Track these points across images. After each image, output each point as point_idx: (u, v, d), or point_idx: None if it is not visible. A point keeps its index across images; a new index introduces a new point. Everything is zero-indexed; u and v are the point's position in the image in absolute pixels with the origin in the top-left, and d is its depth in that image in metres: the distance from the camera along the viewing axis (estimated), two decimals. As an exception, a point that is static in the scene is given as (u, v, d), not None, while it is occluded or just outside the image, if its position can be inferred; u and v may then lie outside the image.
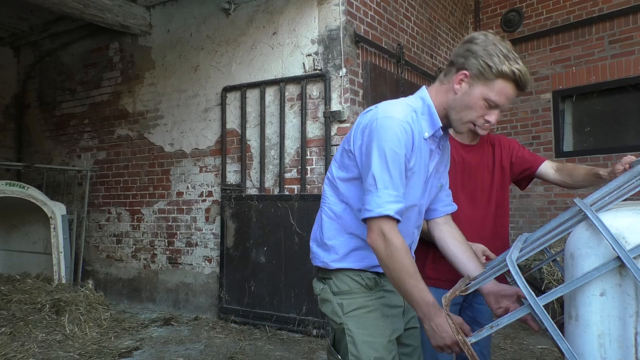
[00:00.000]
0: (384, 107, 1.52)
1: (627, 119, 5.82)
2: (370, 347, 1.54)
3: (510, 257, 1.19)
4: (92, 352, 3.95)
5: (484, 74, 1.45)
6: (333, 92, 4.56)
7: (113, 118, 6.23)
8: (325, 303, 1.64)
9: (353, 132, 1.58)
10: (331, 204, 1.64)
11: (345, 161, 1.59)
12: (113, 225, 6.19)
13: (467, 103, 1.49)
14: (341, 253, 1.61)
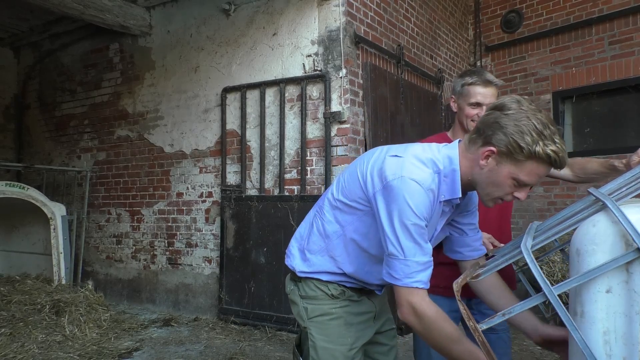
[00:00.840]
0: (411, 163, 1.39)
1: (627, 120, 5.83)
2: (329, 353, 1.55)
3: (525, 244, 1.17)
4: (92, 353, 3.94)
5: (513, 154, 1.31)
6: (333, 93, 4.56)
7: (113, 119, 6.23)
8: (293, 305, 1.67)
9: (370, 167, 1.47)
10: (325, 221, 1.59)
11: (354, 189, 1.51)
12: (113, 226, 6.18)
13: (493, 181, 1.37)
14: (313, 270, 1.61)
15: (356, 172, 1.52)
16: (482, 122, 1.40)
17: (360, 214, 1.51)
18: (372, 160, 1.49)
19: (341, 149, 4.50)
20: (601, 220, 1.09)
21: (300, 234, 1.71)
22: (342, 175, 1.62)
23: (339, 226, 1.56)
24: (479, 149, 1.39)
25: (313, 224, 1.64)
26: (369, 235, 1.51)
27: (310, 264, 1.61)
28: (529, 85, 6.39)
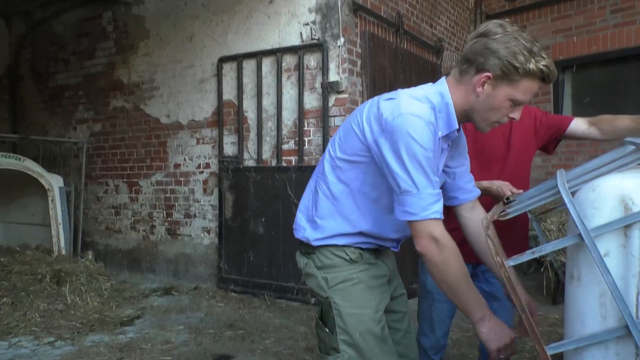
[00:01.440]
0: (407, 101, 1.41)
1: (627, 89, 5.79)
2: (357, 319, 1.52)
3: (563, 184, 1.15)
4: (94, 321, 4.00)
5: (508, 75, 1.35)
6: (331, 63, 4.51)
7: (108, 89, 6.16)
8: (310, 277, 1.62)
9: (365, 115, 1.48)
10: (330, 183, 1.56)
11: (352, 143, 1.50)
12: (111, 197, 6.19)
13: (491, 105, 1.41)
14: (327, 234, 1.57)
15: (351, 127, 1.52)
16: (471, 51, 1.40)
17: (363, 167, 1.50)
18: (366, 110, 1.50)
19: (339, 119, 4.47)
20: (601, 185, 1.10)
21: (304, 205, 1.67)
22: (336, 136, 1.61)
23: (344, 185, 1.54)
24: (472, 77, 1.40)
25: (317, 190, 1.61)
26: (376, 184, 1.51)
27: (323, 229, 1.57)
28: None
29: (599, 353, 1.13)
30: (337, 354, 1.53)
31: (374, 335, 1.53)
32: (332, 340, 1.55)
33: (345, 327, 1.52)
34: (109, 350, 3.44)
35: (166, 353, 3.40)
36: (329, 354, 1.56)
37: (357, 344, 1.51)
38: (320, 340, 1.61)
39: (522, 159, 2.18)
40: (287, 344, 3.54)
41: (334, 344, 1.54)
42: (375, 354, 1.52)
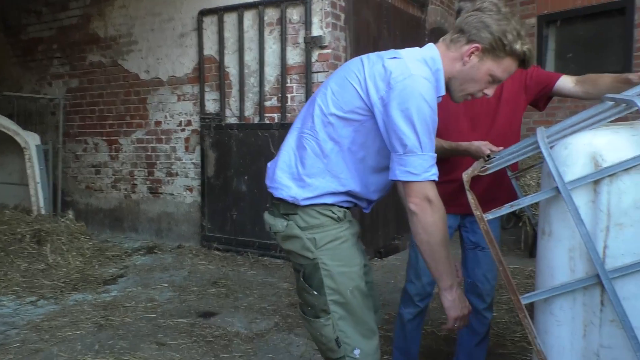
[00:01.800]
0: (414, 63, 1.43)
1: (609, 44, 5.78)
2: (348, 277, 1.52)
3: (542, 139, 1.17)
4: (76, 280, 4.02)
5: (496, 51, 1.43)
6: (314, 17, 4.40)
7: (84, 43, 5.95)
8: (292, 239, 1.55)
9: (367, 73, 1.46)
10: (320, 140, 1.52)
11: (349, 99, 1.48)
12: (90, 155, 6.09)
13: (473, 76, 1.48)
14: (317, 193, 1.53)
15: (348, 82, 1.49)
16: (465, 22, 1.47)
17: (356, 125, 1.49)
18: (367, 67, 1.48)
19: (322, 75, 4.40)
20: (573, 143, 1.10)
21: (286, 163, 1.59)
22: (327, 90, 1.56)
23: (335, 143, 1.51)
24: (462, 46, 1.47)
25: (305, 146, 1.55)
26: (366, 143, 1.51)
27: (313, 188, 1.52)
28: (514, 9, 6.22)
29: (567, 303, 1.17)
30: (328, 315, 1.52)
31: (361, 292, 1.54)
32: (321, 302, 1.52)
33: (336, 287, 1.51)
34: (92, 309, 3.47)
35: (150, 310, 3.45)
36: (319, 316, 1.53)
37: (348, 302, 1.52)
38: (307, 304, 1.57)
39: (512, 113, 2.18)
40: (271, 301, 3.60)
41: (323, 306, 1.52)
42: (362, 309, 1.54)
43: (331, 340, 1.52)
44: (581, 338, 1.15)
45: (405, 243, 5.10)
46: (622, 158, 1.06)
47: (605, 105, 1.23)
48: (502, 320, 2.97)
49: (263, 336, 3.01)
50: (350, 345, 1.51)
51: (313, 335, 1.59)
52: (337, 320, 1.51)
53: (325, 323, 1.52)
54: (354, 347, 1.51)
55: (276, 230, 1.60)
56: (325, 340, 1.53)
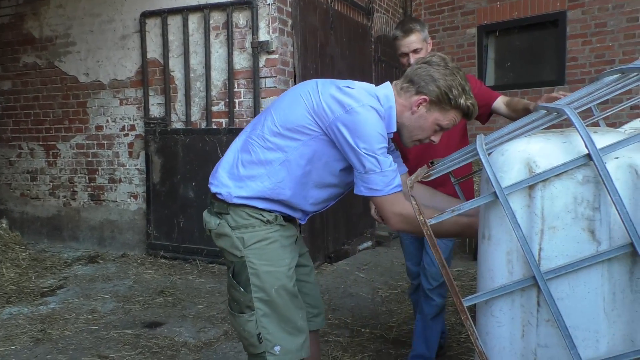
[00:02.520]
0: (366, 95, 1.54)
1: (544, 55, 6.11)
2: (273, 276, 1.60)
3: (481, 145, 1.22)
4: (11, 293, 3.80)
5: (442, 103, 1.55)
6: (261, 21, 4.38)
7: (17, 44, 5.64)
8: (223, 237, 1.65)
9: (321, 95, 1.55)
10: (266, 147, 1.60)
11: (299, 115, 1.56)
12: (26, 161, 5.78)
13: (420, 125, 1.60)
14: (249, 194, 1.60)
15: (301, 100, 1.58)
16: (414, 73, 1.59)
17: (305, 139, 1.56)
18: (321, 89, 1.58)
19: (270, 80, 4.39)
20: (509, 149, 1.15)
21: (228, 163, 1.68)
22: (279, 104, 1.64)
23: (282, 152, 1.58)
24: (412, 96, 1.58)
25: (250, 150, 1.62)
26: (313, 159, 1.59)
27: (248, 189, 1.60)
28: (456, 19, 6.46)
29: (507, 305, 1.22)
30: (252, 311, 1.60)
31: (287, 291, 1.62)
32: (246, 299, 1.60)
33: (261, 285, 1.59)
34: (28, 322, 3.29)
35: (92, 322, 3.30)
36: (243, 312, 1.61)
37: (272, 300, 1.59)
38: (233, 300, 1.65)
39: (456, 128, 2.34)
40: (220, 309, 3.54)
41: (249, 302, 1.60)
42: (288, 308, 1.62)
43: (253, 336, 1.59)
44: (520, 338, 1.20)
45: (355, 248, 5.16)
46: (554, 164, 1.13)
47: (539, 113, 1.30)
48: (447, 322, 3.05)
49: (212, 345, 2.96)
50: (272, 342, 1.59)
51: (237, 330, 1.67)
52: (260, 317, 1.59)
53: (249, 319, 1.60)
54: (275, 343, 1.60)
55: (210, 228, 1.69)
56: (248, 335, 1.61)
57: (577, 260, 1.11)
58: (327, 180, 1.64)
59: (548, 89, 5.94)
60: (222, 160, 1.72)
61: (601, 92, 1.25)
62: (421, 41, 2.39)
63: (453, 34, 6.41)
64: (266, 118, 1.64)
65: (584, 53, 5.78)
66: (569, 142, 1.15)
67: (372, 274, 4.44)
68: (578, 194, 1.11)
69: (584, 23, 5.75)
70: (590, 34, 5.73)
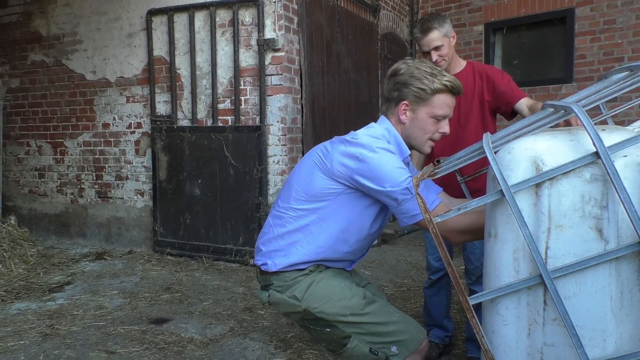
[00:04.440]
0: (373, 139, 1.61)
1: (552, 52, 6.06)
2: (339, 305, 1.63)
3: (487, 144, 1.22)
4: (19, 289, 3.83)
5: (421, 97, 1.61)
6: (267, 19, 4.38)
7: (25, 42, 5.67)
8: (279, 304, 1.71)
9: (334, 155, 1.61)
10: (298, 216, 1.66)
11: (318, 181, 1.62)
12: (34, 158, 5.82)
13: (418, 126, 1.66)
14: (293, 261, 1.66)
15: (316, 167, 1.65)
16: (387, 90, 1.70)
17: (333, 197, 1.62)
18: (330, 149, 1.65)
19: (276, 78, 4.39)
20: (515, 148, 1.15)
21: (266, 237, 1.75)
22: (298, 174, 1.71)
23: (315, 214, 1.64)
24: (395, 109, 1.68)
25: (284, 224, 1.69)
26: (346, 211, 1.63)
27: (291, 256, 1.66)
28: (463, 16, 6.43)
29: (512, 304, 1.22)
30: (349, 338, 1.64)
31: (361, 307, 1.64)
32: (337, 334, 1.64)
33: (337, 319, 1.63)
34: (37, 318, 3.31)
35: (99, 318, 3.33)
36: (345, 345, 1.64)
37: (356, 322, 1.63)
38: (330, 342, 1.69)
39: (482, 117, 2.45)
40: (226, 305, 3.55)
41: (342, 334, 1.64)
42: (374, 315, 1.65)
43: (368, 355, 1.63)
44: (526, 337, 1.20)
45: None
46: (561, 162, 1.12)
47: (546, 111, 1.29)
48: (453, 320, 3.05)
49: (218, 341, 2.97)
50: (386, 346, 1.63)
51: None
52: (360, 337, 1.63)
53: (352, 346, 1.63)
54: (390, 345, 1.63)
55: (263, 302, 1.77)
56: (364, 357, 1.64)
57: (585, 259, 1.11)
58: (366, 229, 1.68)
59: (556, 86, 5.90)
60: (260, 236, 1.79)
61: (609, 89, 1.24)
62: (441, 38, 2.40)
63: (460, 32, 6.37)
64: (289, 190, 1.70)
65: (592, 50, 5.73)
66: (577, 140, 1.15)
67: (378, 271, 4.44)
68: (586, 193, 1.11)
69: (593, 20, 5.71)
70: (598, 31, 5.68)
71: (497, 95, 2.41)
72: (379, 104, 5.92)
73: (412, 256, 4.86)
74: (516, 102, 2.38)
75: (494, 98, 2.42)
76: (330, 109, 4.99)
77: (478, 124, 2.45)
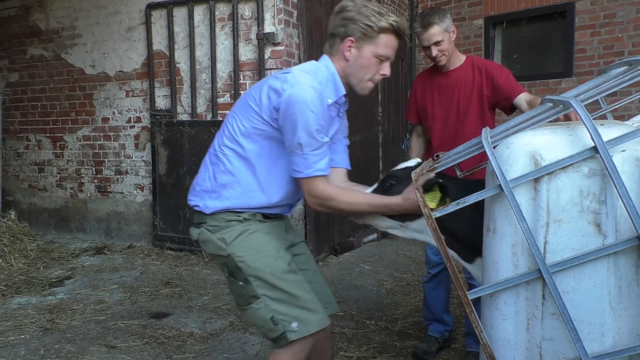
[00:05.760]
0: (301, 74, 1.59)
1: (552, 46, 6.04)
2: (262, 262, 1.63)
3: (486, 139, 1.22)
4: (19, 283, 3.84)
5: (367, 34, 1.60)
6: (266, 13, 4.36)
7: (24, 36, 5.65)
8: (207, 243, 1.70)
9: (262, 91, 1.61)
10: (230, 156, 1.66)
11: (250, 118, 1.63)
12: (33, 153, 5.82)
13: (361, 64, 1.64)
14: (225, 206, 1.66)
15: (247, 103, 1.65)
16: (332, 26, 1.67)
17: (261, 140, 1.63)
18: (260, 85, 1.65)
19: (275, 72, 4.37)
20: (514, 142, 1.15)
21: (202, 177, 1.74)
22: (234, 111, 1.72)
23: (244, 158, 1.64)
24: (340, 45, 1.65)
25: (219, 163, 1.69)
26: (273, 156, 1.65)
27: (223, 199, 1.66)
28: (462, 10, 6.40)
29: (511, 298, 1.22)
30: (258, 299, 1.63)
31: (282, 271, 1.64)
32: (248, 290, 1.64)
33: (255, 273, 1.62)
34: (37, 312, 3.32)
35: (100, 313, 3.34)
36: (251, 303, 1.64)
37: (271, 283, 1.62)
38: (238, 296, 1.69)
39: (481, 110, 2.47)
40: (225, 300, 3.56)
41: (252, 292, 1.63)
42: (290, 285, 1.64)
43: (268, 321, 1.62)
44: (525, 331, 1.20)
45: (360, 240, 5.16)
46: (559, 157, 1.12)
47: (545, 106, 1.29)
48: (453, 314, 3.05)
49: (217, 336, 2.98)
50: (287, 321, 1.61)
51: (253, 323, 1.72)
52: (268, 302, 1.62)
53: (257, 307, 1.63)
54: (290, 321, 1.61)
55: (194, 239, 1.75)
56: (263, 322, 1.63)
57: (583, 253, 1.11)
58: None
59: (556, 81, 5.89)
60: (197, 175, 1.79)
61: (608, 84, 1.24)
62: (441, 33, 2.39)
63: (459, 26, 6.34)
64: (224, 129, 1.71)
65: (592, 44, 5.71)
66: (575, 135, 1.15)
67: (378, 266, 4.45)
68: (584, 187, 1.11)
69: (593, 14, 5.68)
70: (599, 25, 5.66)
71: (496, 90, 2.41)
72: (378, 98, 5.91)
73: (411, 250, 4.87)
74: (515, 97, 2.38)
75: (493, 93, 2.43)
76: (330, 104, 4.98)
77: (477, 119, 2.45)
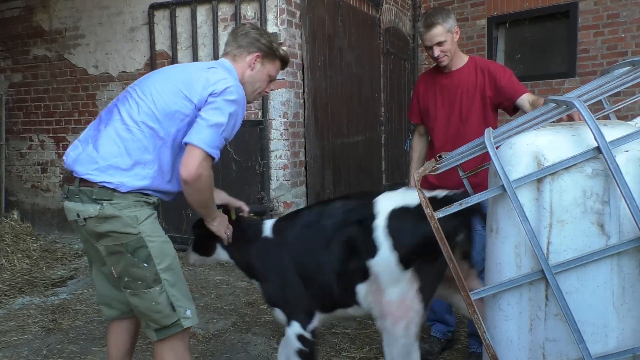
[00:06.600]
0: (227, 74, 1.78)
1: (554, 46, 6.03)
2: (168, 246, 1.74)
3: (489, 139, 1.22)
4: (22, 283, 3.84)
5: (269, 55, 1.91)
6: (269, 13, 4.36)
7: (27, 36, 5.67)
8: (110, 220, 1.65)
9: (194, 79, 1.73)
10: (148, 135, 1.70)
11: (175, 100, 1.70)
12: (36, 153, 5.83)
13: (259, 78, 1.93)
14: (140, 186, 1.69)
15: (173, 86, 1.73)
16: (241, 40, 1.90)
17: (181, 126, 1.71)
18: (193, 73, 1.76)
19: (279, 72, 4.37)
20: (517, 143, 1.14)
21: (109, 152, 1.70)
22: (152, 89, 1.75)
23: (160, 139, 1.70)
24: (247, 57, 1.90)
25: (132, 139, 1.69)
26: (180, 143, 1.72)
27: (139, 177, 1.69)
28: (465, 10, 6.39)
29: (514, 299, 1.22)
30: (160, 283, 1.69)
31: (177, 259, 1.77)
32: (152, 272, 1.68)
33: (161, 256, 1.69)
34: (40, 312, 3.33)
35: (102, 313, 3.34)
36: (152, 287, 1.68)
37: (174, 268, 1.73)
38: (137, 279, 1.69)
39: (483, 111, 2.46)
40: (228, 300, 3.56)
41: (155, 276, 1.68)
42: (180, 274, 1.77)
43: (167, 306, 1.68)
44: (528, 332, 1.20)
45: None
46: (563, 157, 1.11)
47: (548, 106, 1.28)
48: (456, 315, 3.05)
49: (220, 336, 2.98)
50: (183, 307, 1.71)
51: (147, 308, 1.70)
52: (168, 287, 1.69)
53: (160, 291, 1.68)
54: (186, 308, 1.72)
55: (88, 215, 1.67)
56: (162, 308, 1.68)
57: (586, 254, 1.11)
58: None
59: (559, 81, 5.88)
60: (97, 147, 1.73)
61: (612, 84, 1.24)
62: (444, 33, 2.38)
63: (462, 26, 6.33)
64: (139, 105, 1.73)
65: (595, 44, 5.70)
66: (578, 135, 1.14)
67: (380, 266, 4.43)
68: (587, 188, 1.10)
69: (596, 14, 5.67)
70: (602, 25, 5.65)
71: (498, 91, 2.41)
72: (381, 99, 5.91)
73: (414, 251, 4.85)
74: (518, 97, 2.37)
75: (496, 93, 2.42)
76: (332, 104, 4.98)
77: (480, 119, 2.44)
